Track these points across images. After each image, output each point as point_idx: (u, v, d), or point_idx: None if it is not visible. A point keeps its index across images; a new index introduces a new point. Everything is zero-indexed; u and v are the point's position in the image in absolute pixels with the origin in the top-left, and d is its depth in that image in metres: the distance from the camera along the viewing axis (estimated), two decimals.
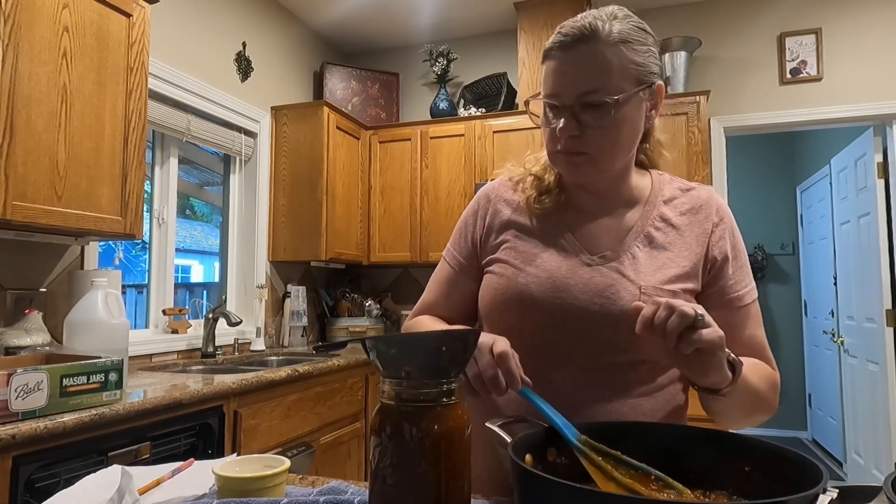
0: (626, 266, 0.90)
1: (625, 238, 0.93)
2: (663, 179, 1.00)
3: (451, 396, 0.64)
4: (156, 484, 0.83)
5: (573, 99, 0.84)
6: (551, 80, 0.86)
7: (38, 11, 1.77)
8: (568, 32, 0.85)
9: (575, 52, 0.84)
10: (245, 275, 3.33)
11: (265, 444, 2.20)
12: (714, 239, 0.94)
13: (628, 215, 0.95)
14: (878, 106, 3.22)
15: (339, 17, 3.77)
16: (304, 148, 3.38)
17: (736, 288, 0.93)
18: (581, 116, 0.85)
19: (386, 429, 0.62)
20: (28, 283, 2.09)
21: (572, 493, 0.51)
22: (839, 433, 4.29)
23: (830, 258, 4.42)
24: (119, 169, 2.03)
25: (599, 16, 0.85)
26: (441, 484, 0.61)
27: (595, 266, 0.91)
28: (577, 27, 0.84)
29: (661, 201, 0.96)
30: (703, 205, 0.96)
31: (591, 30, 0.83)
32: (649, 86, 0.87)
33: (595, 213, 0.96)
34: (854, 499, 0.60)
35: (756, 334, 0.93)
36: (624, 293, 0.87)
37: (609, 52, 0.83)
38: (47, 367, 1.45)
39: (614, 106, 0.83)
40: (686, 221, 0.95)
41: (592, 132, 0.85)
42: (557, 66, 0.86)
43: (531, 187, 1.00)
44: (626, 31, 0.85)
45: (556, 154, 0.89)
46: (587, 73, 0.83)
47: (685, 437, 0.71)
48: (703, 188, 0.99)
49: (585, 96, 0.84)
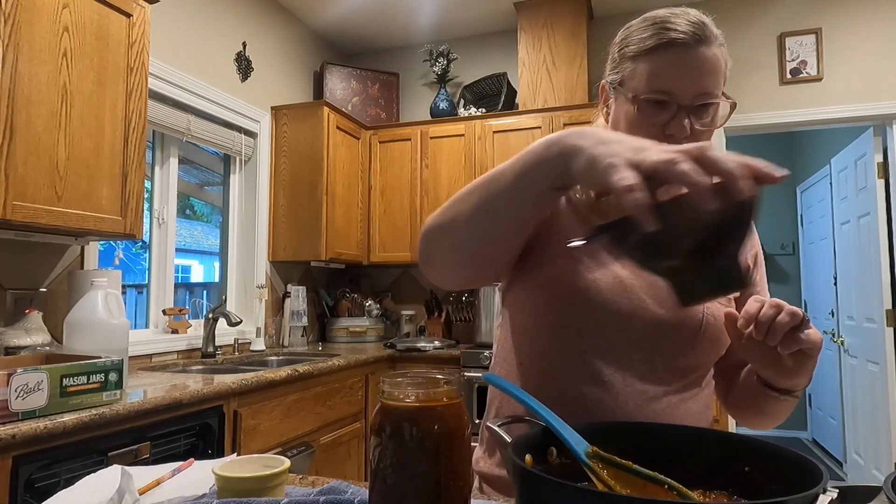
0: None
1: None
2: None
3: (452, 396, 0.64)
4: (156, 484, 0.83)
5: (690, 100, 0.83)
6: (666, 75, 0.83)
7: (38, 11, 1.77)
8: (687, 31, 0.82)
9: (696, 53, 0.82)
10: (245, 275, 3.33)
11: (265, 444, 2.20)
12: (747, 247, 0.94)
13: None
14: (878, 106, 3.22)
15: (339, 17, 3.77)
16: (304, 148, 3.38)
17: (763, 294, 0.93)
18: (691, 117, 0.83)
19: (386, 429, 0.62)
20: (28, 283, 2.09)
21: (572, 493, 0.51)
22: (839, 433, 4.29)
23: (830, 258, 4.42)
24: (119, 169, 2.03)
25: (704, 17, 0.84)
26: (441, 484, 0.61)
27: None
28: (696, 25, 0.83)
29: None
30: None
31: (708, 31, 0.83)
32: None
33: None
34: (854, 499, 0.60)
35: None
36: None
37: (720, 53, 0.84)
38: (47, 367, 1.45)
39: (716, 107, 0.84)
40: None
41: (698, 133, 0.84)
42: (673, 63, 0.83)
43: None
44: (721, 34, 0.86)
45: None
46: (706, 74, 0.83)
47: (685, 438, 0.71)
48: None
49: (701, 98, 0.83)
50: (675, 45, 0.83)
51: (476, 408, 3.00)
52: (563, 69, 3.45)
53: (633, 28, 0.89)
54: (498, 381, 0.76)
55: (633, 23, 0.90)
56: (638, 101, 0.85)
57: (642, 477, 0.65)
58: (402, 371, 0.68)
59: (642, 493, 0.63)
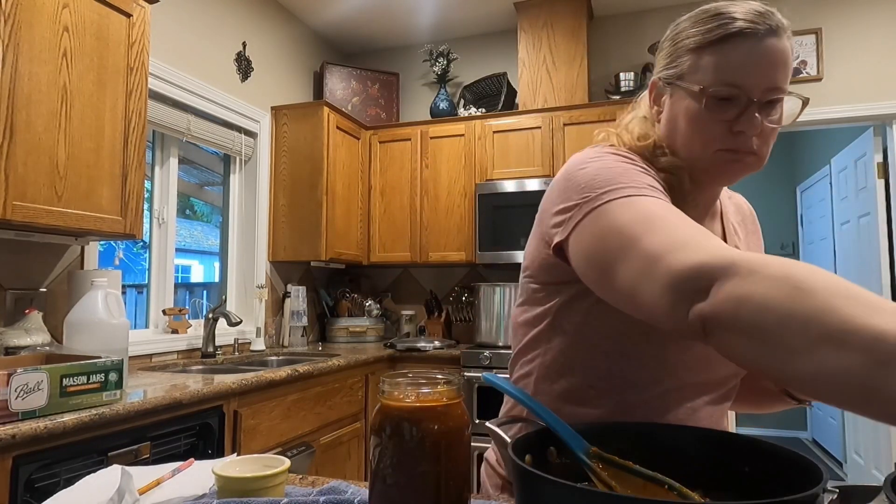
0: None
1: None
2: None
3: (452, 396, 0.64)
4: (156, 484, 0.83)
5: (760, 94, 0.77)
6: (734, 68, 0.77)
7: (38, 11, 1.77)
8: (757, 20, 0.78)
9: (767, 44, 0.77)
10: (245, 275, 3.33)
11: (265, 444, 2.20)
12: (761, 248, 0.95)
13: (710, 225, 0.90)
14: (878, 106, 3.22)
15: (339, 17, 3.77)
16: (304, 148, 3.38)
17: None
18: (759, 113, 0.77)
19: (386, 429, 0.62)
20: (28, 283, 2.09)
21: (572, 493, 0.51)
22: (839, 433, 4.29)
23: (830, 258, 4.42)
24: (119, 169, 2.03)
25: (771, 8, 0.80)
26: (441, 484, 0.61)
27: None
28: (763, 15, 0.78)
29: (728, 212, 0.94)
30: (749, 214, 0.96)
31: (777, 22, 0.78)
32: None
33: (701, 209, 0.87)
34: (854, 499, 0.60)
35: None
36: None
37: (789, 46, 0.79)
38: (47, 367, 1.45)
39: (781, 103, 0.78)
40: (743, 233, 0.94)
41: (768, 131, 0.79)
42: (743, 55, 0.77)
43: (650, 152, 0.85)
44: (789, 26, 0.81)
45: (721, 153, 0.79)
46: (778, 68, 0.77)
47: (685, 438, 0.71)
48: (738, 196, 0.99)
49: (771, 92, 0.77)
50: (744, 34, 0.77)
51: (476, 408, 3.00)
52: (563, 69, 3.45)
53: (689, 20, 0.83)
54: (498, 381, 0.75)
55: (688, 15, 0.83)
56: (705, 95, 0.78)
57: (642, 477, 0.65)
58: (402, 371, 0.68)
59: (642, 493, 0.63)
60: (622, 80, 3.48)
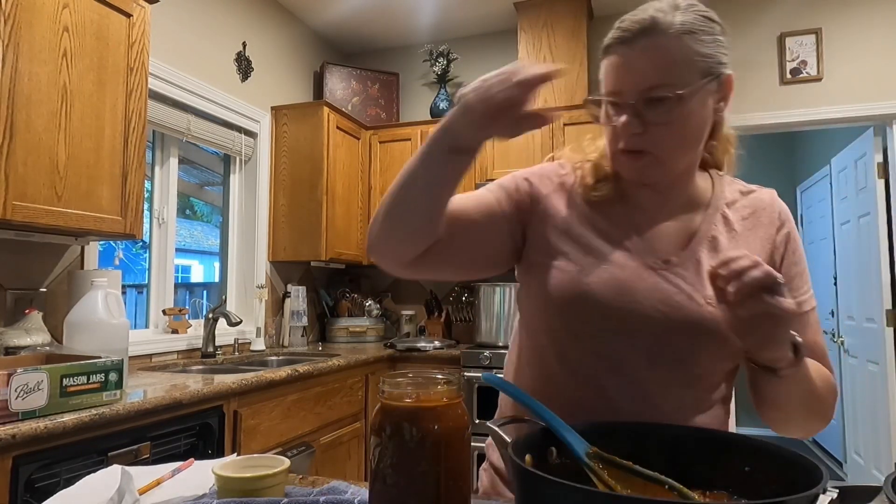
0: (692, 274, 0.85)
1: (689, 243, 0.88)
2: (724, 181, 0.96)
3: (452, 396, 0.64)
4: (156, 484, 0.83)
5: (636, 95, 0.80)
6: (612, 76, 0.82)
7: (38, 11, 1.77)
8: (628, 27, 0.81)
9: (636, 47, 0.80)
10: (245, 275, 3.33)
11: (265, 444, 2.20)
12: (776, 244, 0.90)
13: (689, 219, 0.90)
14: (878, 106, 3.22)
15: (339, 17, 3.77)
16: (304, 148, 3.38)
17: (795, 295, 0.88)
18: (645, 113, 0.80)
19: (386, 429, 0.62)
20: (28, 283, 2.09)
21: (572, 493, 0.51)
22: (839, 433, 4.29)
23: (830, 258, 4.42)
24: (119, 169, 2.03)
25: (661, 7, 0.81)
26: (441, 484, 0.61)
27: (660, 271, 0.86)
28: (638, 20, 0.81)
29: (724, 204, 0.92)
30: (766, 208, 0.93)
31: (652, 22, 0.80)
32: (716, 77, 0.83)
33: (656, 213, 0.90)
34: (854, 499, 0.60)
35: (818, 341, 0.91)
36: (689, 303, 0.83)
37: (672, 44, 0.79)
38: (47, 367, 1.45)
39: (678, 101, 0.78)
40: (749, 226, 0.91)
41: (656, 129, 0.80)
42: (618, 62, 0.81)
43: (589, 174, 0.93)
44: (689, 21, 0.80)
45: (617, 154, 0.85)
46: (650, 67, 0.79)
47: (685, 438, 0.71)
48: (765, 191, 0.96)
49: (649, 92, 0.79)
50: (616, 43, 0.82)
51: (476, 408, 3.00)
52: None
53: None
54: (498, 381, 0.76)
55: None
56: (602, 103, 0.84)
57: (643, 477, 0.65)
58: (403, 371, 0.68)
59: (643, 493, 0.63)
60: None
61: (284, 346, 3.38)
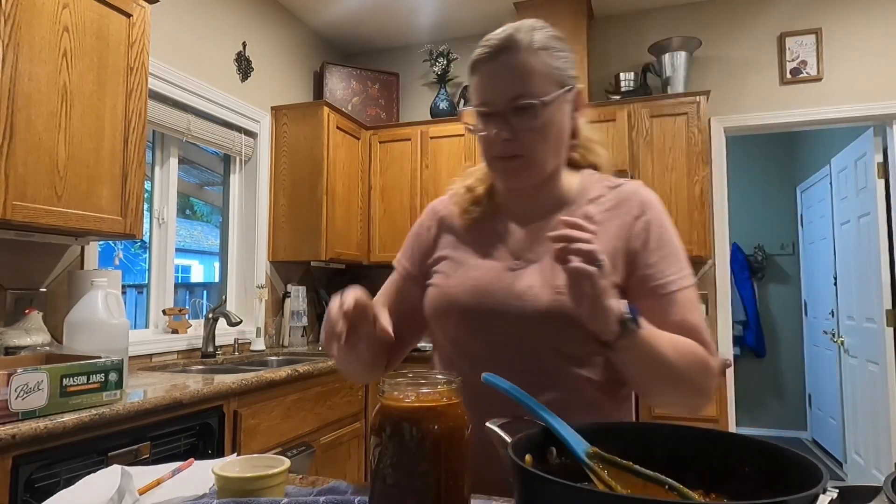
0: (546, 268, 0.93)
1: (546, 239, 0.94)
2: (593, 178, 1.03)
3: (452, 396, 0.64)
4: (156, 484, 0.83)
5: (504, 105, 0.89)
6: (481, 89, 0.92)
7: (38, 11, 1.77)
8: (493, 45, 0.91)
9: (500, 62, 0.90)
10: (245, 275, 3.33)
11: (265, 444, 2.20)
12: (634, 231, 0.95)
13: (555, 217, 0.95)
14: (878, 106, 3.22)
15: (339, 17, 3.77)
16: (304, 148, 3.38)
17: (659, 276, 0.93)
18: (512, 121, 0.89)
19: (386, 429, 0.62)
20: (28, 283, 2.09)
21: (572, 493, 0.51)
22: (839, 433, 4.29)
23: (830, 258, 4.42)
24: (119, 169, 2.03)
25: (519, 27, 0.92)
26: (441, 484, 0.61)
27: (518, 270, 0.96)
28: (501, 38, 0.90)
29: (587, 200, 1.00)
30: (627, 199, 0.99)
31: (513, 40, 0.90)
32: (570, 88, 0.94)
33: (526, 217, 1.00)
34: (854, 499, 0.60)
35: (688, 318, 0.93)
36: (542, 294, 0.91)
37: (532, 58, 0.89)
38: (47, 367, 1.45)
39: (542, 107, 0.89)
40: (608, 217, 0.97)
41: (524, 134, 0.90)
42: (486, 76, 0.91)
43: (464, 197, 1.05)
44: (544, 40, 0.92)
45: (493, 160, 0.94)
46: (514, 79, 0.89)
47: (685, 438, 0.71)
48: (631, 183, 1.02)
49: (515, 101, 0.89)
50: (483, 60, 0.92)
51: None
52: None
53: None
54: (498, 381, 0.76)
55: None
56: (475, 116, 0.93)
57: (643, 477, 0.65)
58: (402, 371, 0.68)
59: (643, 493, 0.63)
60: (622, 80, 3.48)
61: (284, 346, 3.38)
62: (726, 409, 2.82)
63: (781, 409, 5.36)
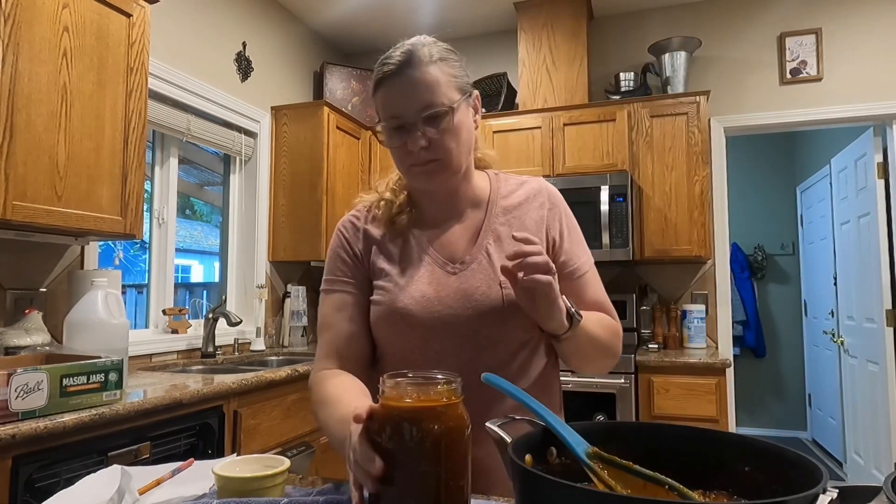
0: (485, 266, 1.01)
1: (477, 239, 1.04)
2: (500, 178, 1.12)
3: (452, 396, 0.64)
4: (156, 484, 0.83)
5: (415, 116, 0.94)
6: (390, 104, 0.96)
7: (38, 11, 1.77)
8: (395, 61, 0.95)
9: (406, 76, 0.94)
10: (245, 275, 3.33)
11: (265, 444, 2.20)
12: (550, 222, 1.07)
13: (475, 216, 1.07)
14: (878, 106, 3.22)
15: (339, 17, 3.77)
16: (304, 148, 3.38)
17: (573, 261, 1.06)
18: (425, 129, 0.94)
19: (386, 429, 0.62)
20: (28, 283, 2.09)
21: (572, 493, 0.51)
22: (839, 433, 4.29)
23: (830, 258, 4.42)
24: (119, 169, 2.03)
25: (414, 43, 0.96)
26: (441, 484, 0.61)
27: (458, 273, 1.01)
28: (401, 54, 0.95)
29: (501, 197, 1.08)
30: (536, 194, 1.09)
31: (414, 55, 0.94)
32: (470, 94, 1.00)
33: (446, 220, 1.06)
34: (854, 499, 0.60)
35: (599, 296, 1.08)
36: (489, 291, 0.99)
37: (433, 69, 0.94)
38: (47, 367, 1.45)
39: (450, 113, 0.94)
40: (524, 211, 1.07)
41: (438, 140, 0.95)
42: (393, 91, 0.95)
43: (384, 210, 1.08)
44: (441, 52, 0.97)
45: (410, 168, 0.98)
46: (422, 91, 0.93)
47: (685, 437, 0.71)
48: (534, 180, 1.12)
49: (425, 110, 0.93)
50: (387, 76, 0.95)
51: None
52: (563, 69, 3.45)
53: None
54: (497, 381, 0.76)
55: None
56: (384, 130, 0.97)
57: (643, 477, 0.65)
58: (402, 371, 0.68)
59: (643, 494, 0.63)
60: (622, 80, 3.48)
61: (284, 346, 3.38)
62: (726, 409, 2.82)
63: (781, 409, 5.36)
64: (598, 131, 3.27)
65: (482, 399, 0.88)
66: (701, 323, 3.26)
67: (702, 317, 3.27)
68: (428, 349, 0.99)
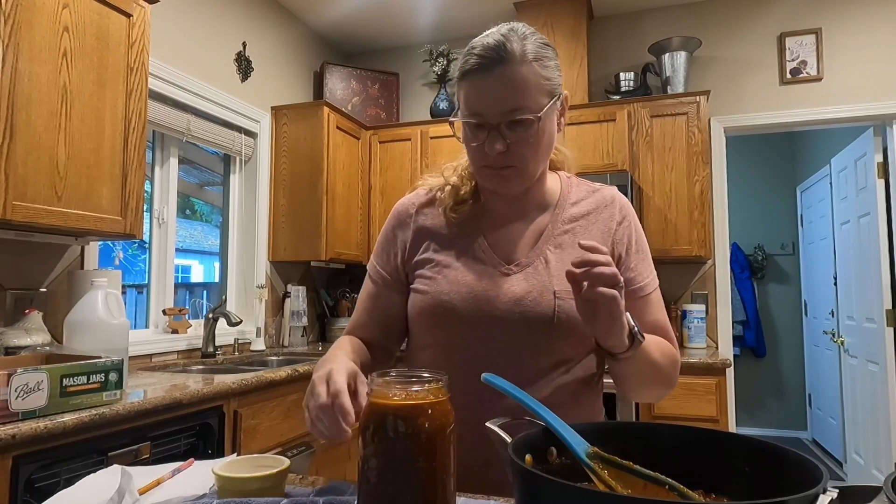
0: (541, 271, 0.96)
1: (537, 243, 0.99)
2: (571, 182, 1.06)
3: (440, 394, 0.64)
4: (156, 484, 0.83)
5: (498, 118, 0.88)
6: (474, 100, 0.90)
7: (38, 11, 1.77)
8: (486, 54, 0.88)
9: (495, 74, 0.88)
10: (245, 275, 3.33)
11: (265, 444, 2.20)
12: (618, 236, 1.01)
13: (540, 219, 1.01)
14: (878, 106, 3.22)
15: (339, 17, 3.77)
16: (304, 148, 3.38)
17: (638, 280, 1.00)
18: (506, 133, 0.89)
19: (373, 426, 0.63)
20: (28, 283, 2.09)
21: (572, 493, 0.51)
22: (839, 433, 4.29)
23: (830, 258, 4.42)
24: (119, 169, 2.03)
25: (510, 36, 0.89)
26: (428, 479, 0.62)
27: (512, 275, 0.96)
28: (493, 48, 0.88)
29: (570, 203, 1.03)
30: (608, 204, 1.04)
31: (507, 51, 0.88)
32: (559, 97, 0.94)
33: (510, 218, 1.01)
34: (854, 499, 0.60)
35: (659, 318, 1.01)
36: (541, 299, 0.93)
37: (525, 70, 0.88)
38: (47, 367, 1.45)
39: (537, 122, 0.89)
40: (592, 221, 1.02)
41: (518, 146, 0.90)
42: (479, 88, 0.89)
43: (448, 197, 1.04)
44: (535, 50, 0.90)
45: (483, 169, 0.94)
46: (510, 93, 0.87)
47: (685, 438, 0.71)
48: (607, 189, 1.06)
49: (510, 114, 0.88)
50: (474, 69, 0.89)
51: None
52: (563, 69, 3.41)
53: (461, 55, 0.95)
54: (498, 381, 0.76)
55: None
56: (464, 124, 0.93)
57: (643, 477, 0.65)
58: (388, 370, 0.69)
59: (643, 494, 0.63)
60: (622, 79, 3.48)
61: (284, 346, 3.38)
62: (726, 409, 2.82)
63: (781, 409, 5.36)
64: (598, 131, 3.27)
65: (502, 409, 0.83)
66: (701, 323, 3.26)
67: (702, 317, 3.27)
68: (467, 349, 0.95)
